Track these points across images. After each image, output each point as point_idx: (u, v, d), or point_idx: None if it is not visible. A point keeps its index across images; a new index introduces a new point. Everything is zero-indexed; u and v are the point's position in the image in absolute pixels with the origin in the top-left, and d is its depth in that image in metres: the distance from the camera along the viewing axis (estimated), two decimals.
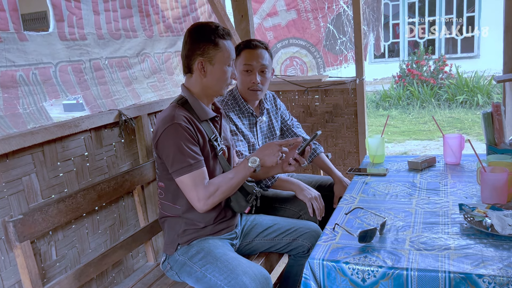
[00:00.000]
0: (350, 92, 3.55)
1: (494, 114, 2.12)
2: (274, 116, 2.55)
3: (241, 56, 2.30)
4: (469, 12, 12.08)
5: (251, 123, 2.40)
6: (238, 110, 2.35)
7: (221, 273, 1.68)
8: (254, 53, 2.28)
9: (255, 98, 2.35)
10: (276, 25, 4.36)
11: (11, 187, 1.70)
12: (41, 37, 2.03)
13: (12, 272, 1.69)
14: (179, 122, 1.70)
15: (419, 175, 2.12)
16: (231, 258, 1.73)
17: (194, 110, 1.80)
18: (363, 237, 1.45)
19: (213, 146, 1.83)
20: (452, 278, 1.25)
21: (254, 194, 1.90)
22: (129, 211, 2.28)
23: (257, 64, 2.28)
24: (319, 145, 2.62)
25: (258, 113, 2.44)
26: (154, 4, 2.79)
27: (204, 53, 1.77)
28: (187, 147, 1.69)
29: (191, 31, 1.81)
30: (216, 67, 1.79)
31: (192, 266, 1.78)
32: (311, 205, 2.19)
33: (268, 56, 2.32)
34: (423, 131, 7.54)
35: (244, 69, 2.29)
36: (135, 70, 2.60)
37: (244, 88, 2.32)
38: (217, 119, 1.90)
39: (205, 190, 1.70)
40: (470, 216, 1.55)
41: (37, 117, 1.96)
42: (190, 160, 1.69)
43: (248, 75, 2.29)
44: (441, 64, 10.28)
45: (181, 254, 1.84)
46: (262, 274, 1.69)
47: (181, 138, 1.69)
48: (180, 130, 1.69)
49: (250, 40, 2.34)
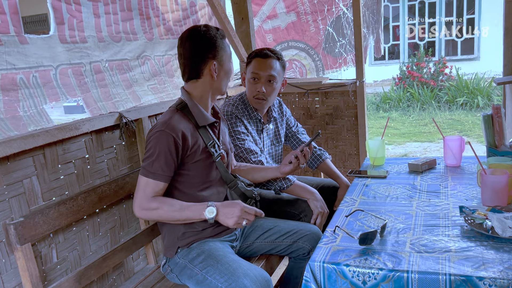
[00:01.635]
0: (350, 94, 3.55)
1: (494, 116, 2.12)
2: (280, 123, 2.56)
3: (251, 64, 2.32)
4: (469, 14, 12.09)
5: (258, 129, 2.41)
6: (247, 115, 2.36)
7: (222, 275, 1.68)
8: (263, 63, 2.29)
9: (259, 107, 2.36)
10: (276, 27, 4.37)
11: (12, 190, 1.70)
12: (42, 40, 2.03)
13: (13, 274, 1.69)
14: (169, 131, 1.69)
15: (420, 177, 2.12)
16: (231, 261, 1.73)
17: (193, 115, 1.80)
18: (364, 240, 1.45)
19: (211, 152, 1.82)
20: (452, 280, 1.25)
21: (254, 198, 1.90)
22: (129, 213, 2.28)
23: (264, 73, 2.28)
24: (325, 151, 2.62)
25: (265, 120, 2.45)
26: (155, 7, 2.79)
27: (216, 55, 1.80)
28: (163, 158, 1.69)
29: (195, 36, 1.80)
30: (225, 67, 1.85)
31: (193, 268, 1.77)
32: (316, 218, 2.18)
33: (278, 66, 2.32)
34: (424, 133, 7.55)
35: (251, 77, 2.31)
36: (136, 73, 2.60)
37: (250, 95, 2.34)
38: (216, 124, 1.89)
39: (146, 200, 1.70)
40: (471, 218, 1.55)
41: (38, 120, 1.96)
42: (156, 168, 1.69)
43: (254, 83, 2.31)
44: (441, 66, 10.29)
45: (181, 257, 1.83)
46: (263, 277, 1.68)
47: (162, 147, 1.69)
48: (165, 140, 1.69)
49: (262, 49, 2.34)
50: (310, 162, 2.58)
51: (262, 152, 2.38)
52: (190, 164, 1.77)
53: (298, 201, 2.25)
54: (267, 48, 2.35)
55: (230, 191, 1.90)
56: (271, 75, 2.29)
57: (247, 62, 2.38)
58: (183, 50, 1.81)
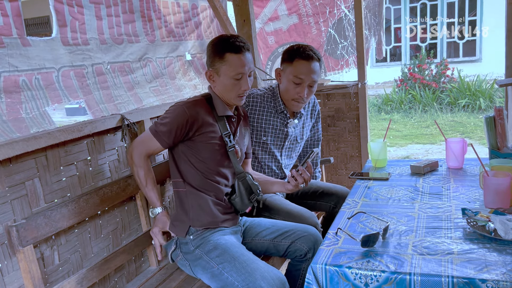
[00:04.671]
0: (352, 96, 3.55)
1: (496, 118, 2.12)
2: (306, 120, 2.54)
3: (294, 65, 2.23)
4: (471, 16, 12.09)
5: (282, 122, 2.40)
6: (272, 107, 2.37)
7: (239, 274, 1.71)
8: (308, 66, 2.21)
9: (295, 109, 2.36)
10: (278, 29, 4.38)
11: (14, 192, 1.70)
12: (44, 42, 2.04)
13: (15, 276, 1.69)
14: (186, 109, 1.85)
15: (422, 180, 2.12)
16: (248, 260, 1.76)
17: (214, 106, 1.93)
18: (366, 242, 1.45)
19: (225, 141, 1.93)
20: (455, 283, 1.24)
21: (258, 195, 1.98)
22: (131, 215, 2.28)
23: (308, 78, 2.22)
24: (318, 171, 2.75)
25: (291, 115, 2.43)
26: (156, 9, 2.80)
27: (212, 64, 1.91)
28: (171, 125, 1.84)
29: (210, 41, 1.94)
30: (222, 79, 1.90)
31: (209, 261, 1.81)
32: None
33: (319, 69, 2.27)
34: (425, 135, 7.53)
35: (294, 80, 2.24)
36: (137, 75, 2.60)
37: (288, 96, 2.30)
38: (233, 120, 2.00)
39: (141, 156, 1.90)
40: (473, 220, 1.55)
41: (40, 122, 1.97)
42: (162, 131, 1.85)
43: (296, 87, 2.25)
44: (443, 68, 10.27)
45: (196, 246, 1.88)
46: (280, 280, 1.70)
47: (174, 117, 1.84)
48: (180, 113, 1.84)
49: (305, 49, 2.23)
50: None
51: (280, 147, 2.44)
52: (202, 144, 1.89)
53: (293, 211, 2.25)
54: (308, 48, 2.25)
55: (238, 182, 1.99)
56: (314, 81, 2.24)
57: (286, 58, 2.28)
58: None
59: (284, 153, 2.48)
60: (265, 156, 2.41)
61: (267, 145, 2.40)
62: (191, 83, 3.04)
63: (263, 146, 2.39)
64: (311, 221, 2.20)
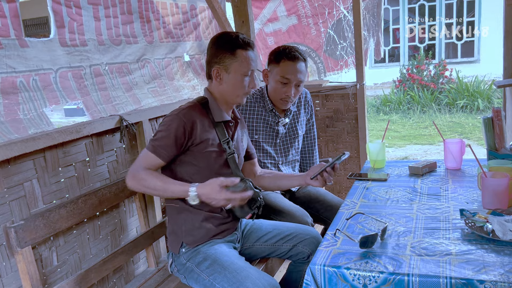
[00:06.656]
0: (350, 97, 3.55)
1: (494, 119, 2.12)
2: (297, 116, 2.55)
3: (280, 66, 2.29)
4: (469, 16, 12.11)
5: (272, 121, 2.44)
6: (262, 106, 2.41)
7: (230, 284, 1.68)
8: (293, 67, 2.28)
9: (284, 107, 2.41)
10: (277, 30, 4.38)
11: (13, 193, 1.70)
12: (42, 43, 2.04)
13: (13, 278, 1.69)
14: (182, 117, 1.76)
15: (420, 180, 2.12)
16: (239, 268, 1.72)
17: (211, 111, 1.86)
18: (364, 243, 1.45)
19: (223, 148, 1.86)
20: (453, 283, 1.24)
21: (259, 202, 1.87)
22: (130, 216, 2.28)
23: (295, 78, 2.29)
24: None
25: (280, 112, 2.47)
26: (155, 10, 2.80)
27: (220, 61, 1.83)
28: (168, 138, 1.74)
29: (213, 39, 1.88)
30: (232, 76, 1.84)
31: (200, 273, 1.78)
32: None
33: (305, 68, 2.33)
34: (424, 135, 7.54)
35: (281, 80, 2.30)
36: (136, 76, 2.60)
37: (277, 96, 2.36)
38: (231, 125, 1.93)
39: (139, 169, 1.74)
40: (471, 221, 1.55)
41: (38, 123, 1.96)
42: (160, 145, 1.75)
43: (283, 87, 2.31)
44: (442, 68, 10.29)
45: (187, 259, 1.84)
46: (272, 285, 1.68)
47: (171, 129, 1.75)
48: (176, 123, 1.75)
49: (291, 50, 2.30)
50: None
51: (274, 145, 2.46)
52: (199, 154, 1.81)
53: (296, 211, 2.25)
54: (294, 48, 2.31)
55: None
56: (301, 80, 2.31)
57: (272, 59, 2.34)
58: (206, 50, 1.91)
59: (278, 150, 2.50)
60: (259, 154, 2.45)
61: (259, 143, 2.44)
62: (190, 84, 3.04)
63: (255, 144, 2.42)
64: (302, 219, 2.21)
